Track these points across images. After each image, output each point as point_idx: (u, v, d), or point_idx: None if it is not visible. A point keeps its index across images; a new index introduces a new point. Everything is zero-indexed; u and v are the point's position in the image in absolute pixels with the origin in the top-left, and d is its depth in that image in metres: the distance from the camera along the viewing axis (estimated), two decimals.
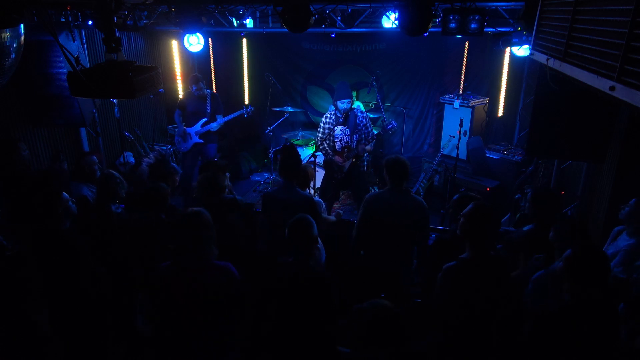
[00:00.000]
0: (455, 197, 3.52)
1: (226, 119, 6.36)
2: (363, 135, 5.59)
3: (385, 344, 2.21)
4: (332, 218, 4.35)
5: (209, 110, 6.24)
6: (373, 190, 6.69)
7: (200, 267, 2.64)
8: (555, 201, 3.61)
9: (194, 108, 6.24)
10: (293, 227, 2.86)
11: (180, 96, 7.68)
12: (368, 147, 5.63)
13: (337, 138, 5.61)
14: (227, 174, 4.24)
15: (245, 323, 2.83)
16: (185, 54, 7.78)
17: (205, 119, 6.22)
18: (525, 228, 3.55)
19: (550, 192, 3.86)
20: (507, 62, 7.37)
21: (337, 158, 5.65)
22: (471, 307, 2.65)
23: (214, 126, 6.25)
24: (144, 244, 3.40)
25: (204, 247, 2.65)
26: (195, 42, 6.23)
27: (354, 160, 5.65)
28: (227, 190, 4.03)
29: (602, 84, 2.30)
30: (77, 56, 2.91)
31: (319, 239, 3.77)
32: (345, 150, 5.63)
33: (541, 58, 3.48)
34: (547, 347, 2.34)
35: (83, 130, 5.98)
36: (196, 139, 6.26)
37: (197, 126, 6.22)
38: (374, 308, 2.26)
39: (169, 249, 3.12)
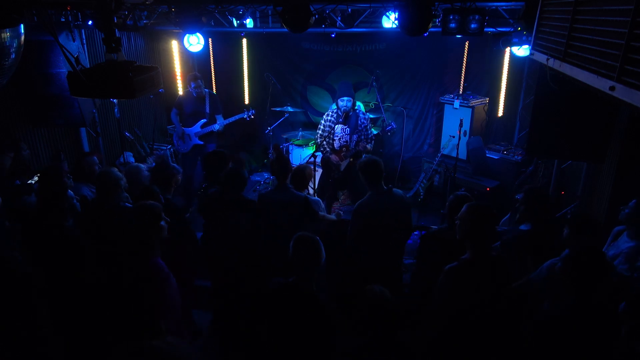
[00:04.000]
0: (450, 197, 3.42)
1: (228, 120, 6.33)
2: (362, 137, 5.60)
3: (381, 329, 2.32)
4: (332, 217, 4.35)
5: (207, 110, 6.22)
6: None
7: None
8: (547, 200, 3.61)
9: (192, 109, 6.23)
10: (297, 245, 2.71)
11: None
12: (369, 146, 5.64)
13: (337, 136, 5.62)
14: None
15: None
16: (185, 54, 7.77)
17: (204, 120, 6.21)
18: (522, 227, 3.52)
19: (543, 192, 3.86)
20: (507, 62, 7.35)
21: (333, 157, 5.66)
22: (472, 307, 2.65)
23: (216, 127, 6.23)
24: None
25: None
26: (195, 42, 6.22)
27: (351, 159, 5.66)
28: None
29: (602, 84, 2.29)
30: (77, 56, 2.92)
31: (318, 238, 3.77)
32: (344, 149, 5.63)
33: (541, 58, 3.48)
34: (553, 350, 2.33)
35: (83, 130, 5.98)
36: (196, 140, 6.24)
37: (197, 127, 6.21)
38: (373, 292, 2.39)
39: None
